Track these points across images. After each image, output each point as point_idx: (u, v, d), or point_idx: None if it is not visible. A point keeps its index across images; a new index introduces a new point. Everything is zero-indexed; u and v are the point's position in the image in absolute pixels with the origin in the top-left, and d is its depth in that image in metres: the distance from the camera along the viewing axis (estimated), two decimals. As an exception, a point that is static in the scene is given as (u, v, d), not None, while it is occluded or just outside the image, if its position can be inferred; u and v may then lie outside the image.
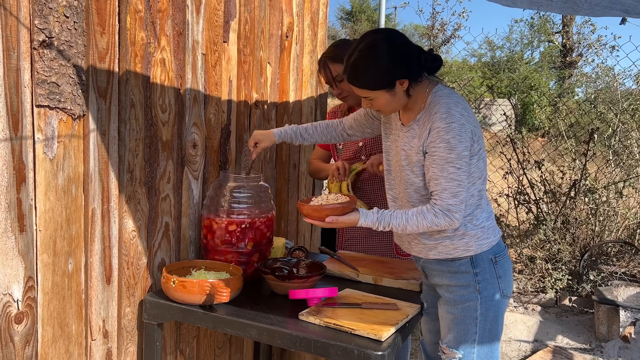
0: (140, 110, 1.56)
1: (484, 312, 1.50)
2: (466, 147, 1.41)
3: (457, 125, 1.40)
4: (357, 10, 21.88)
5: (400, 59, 1.44)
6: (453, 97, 1.46)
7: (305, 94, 2.53)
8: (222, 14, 1.86)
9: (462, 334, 1.51)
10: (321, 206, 1.49)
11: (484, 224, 1.51)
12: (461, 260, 1.51)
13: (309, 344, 1.39)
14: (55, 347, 1.38)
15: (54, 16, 1.27)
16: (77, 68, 1.34)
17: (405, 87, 1.47)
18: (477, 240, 1.50)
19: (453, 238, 1.50)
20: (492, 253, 1.52)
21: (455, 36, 11.76)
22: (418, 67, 1.48)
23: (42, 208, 1.30)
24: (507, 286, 1.54)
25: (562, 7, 1.97)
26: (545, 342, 3.46)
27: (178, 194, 1.74)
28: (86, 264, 1.45)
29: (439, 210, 1.42)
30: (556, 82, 14.39)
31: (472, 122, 1.45)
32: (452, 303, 1.53)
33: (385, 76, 1.44)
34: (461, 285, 1.51)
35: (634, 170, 4.67)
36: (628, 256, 4.42)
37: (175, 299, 1.55)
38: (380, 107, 1.52)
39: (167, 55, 1.63)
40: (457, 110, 1.42)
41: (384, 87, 1.45)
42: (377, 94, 1.47)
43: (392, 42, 1.45)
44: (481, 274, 1.50)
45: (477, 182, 1.49)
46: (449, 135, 1.39)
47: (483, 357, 1.52)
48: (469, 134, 1.42)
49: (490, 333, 1.52)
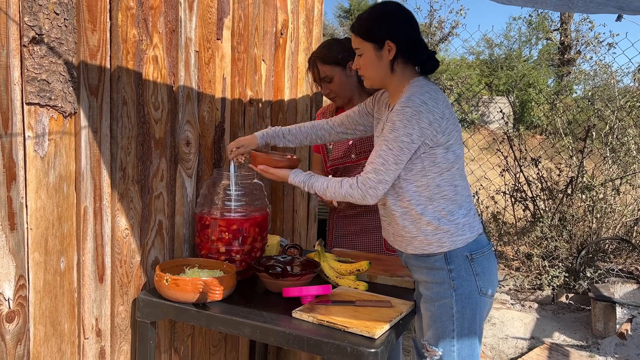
0: (132, 108, 1.55)
1: (460, 310, 1.48)
2: (409, 134, 1.41)
3: (411, 110, 1.42)
4: (356, 9, 21.84)
5: (398, 25, 1.51)
6: (425, 87, 1.47)
7: (301, 92, 2.53)
8: (215, 11, 1.85)
9: (440, 332, 1.50)
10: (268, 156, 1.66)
11: (459, 221, 1.50)
12: (436, 256, 1.50)
13: (302, 341, 1.39)
14: (48, 346, 1.37)
15: (43, 13, 1.26)
16: (68, 65, 1.33)
17: (391, 55, 1.50)
18: (451, 237, 1.49)
19: (427, 233, 1.50)
20: (468, 250, 1.50)
21: (453, 34, 11.76)
22: (411, 46, 1.52)
23: (33, 206, 1.30)
24: (487, 284, 1.51)
25: (557, 4, 1.97)
26: (542, 339, 3.46)
27: (171, 192, 1.73)
28: (78, 262, 1.44)
29: (357, 182, 1.48)
30: (554, 80, 14.39)
31: (438, 113, 1.43)
32: (430, 300, 1.52)
33: (378, 29, 1.50)
34: (436, 282, 1.51)
35: (630, 167, 4.68)
36: (625, 253, 4.43)
37: (168, 297, 1.54)
38: (364, 68, 1.55)
39: (160, 52, 1.63)
40: (419, 98, 1.43)
41: (373, 41, 1.51)
42: (366, 47, 1.52)
43: (401, 9, 1.54)
44: (455, 270, 1.49)
45: (446, 174, 1.48)
46: (397, 118, 1.43)
47: (464, 355, 1.50)
48: (425, 123, 1.42)
49: (469, 331, 1.50)
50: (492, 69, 14.13)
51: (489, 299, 1.55)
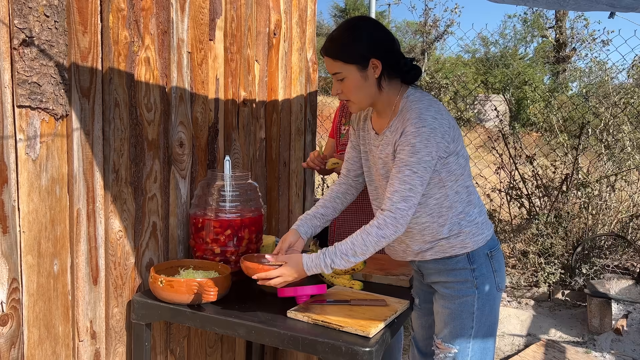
0: (124, 110, 1.55)
1: (481, 307, 1.50)
2: (429, 153, 1.38)
3: (427, 129, 1.38)
4: (351, 8, 21.86)
5: (379, 40, 1.45)
6: (424, 100, 1.45)
7: (295, 92, 2.53)
8: (207, 11, 1.85)
9: (458, 329, 1.51)
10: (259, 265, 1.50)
11: (477, 220, 1.51)
12: (458, 257, 1.51)
13: (297, 341, 1.39)
14: (42, 349, 1.37)
15: (33, 15, 1.26)
16: (59, 68, 1.33)
17: (377, 73, 1.45)
18: (473, 237, 1.50)
19: (449, 237, 1.50)
20: (488, 248, 1.53)
21: (448, 32, 11.77)
22: (395, 59, 1.47)
23: (26, 209, 1.29)
24: (502, 280, 1.56)
25: (548, 2, 1.97)
26: (538, 336, 3.47)
27: (165, 193, 1.73)
28: (72, 265, 1.44)
29: (384, 217, 1.39)
30: (550, 77, 14.43)
31: (446, 124, 1.42)
32: (449, 298, 1.52)
33: (360, 48, 1.42)
34: (459, 281, 1.51)
35: (625, 163, 4.69)
36: (620, 249, 4.44)
37: (163, 298, 1.54)
38: (349, 92, 1.47)
39: (152, 53, 1.62)
40: (429, 114, 1.41)
41: (357, 62, 1.43)
42: (349, 70, 1.44)
43: (375, 23, 1.49)
44: (478, 269, 1.50)
45: (460, 179, 1.49)
46: (416, 140, 1.38)
47: (478, 352, 1.52)
48: (439, 138, 1.40)
49: (486, 327, 1.52)
50: (487, 67, 14.16)
51: (501, 294, 1.59)
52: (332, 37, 1.48)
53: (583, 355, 3.17)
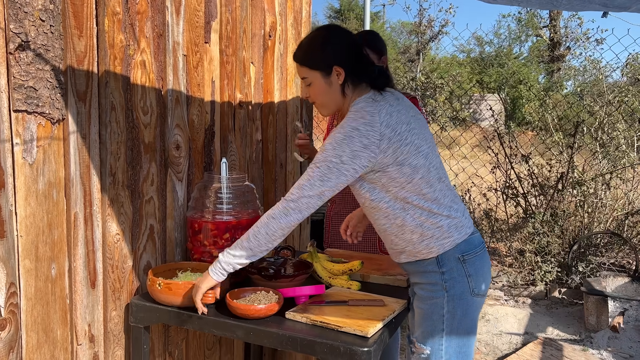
0: (121, 113, 1.55)
1: (451, 310, 1.49)
2: (338, 156, 1.40)
3: (341, 136, 1.42)
4: (346, 9, 21.88)
5: (342, 49, 1.51)
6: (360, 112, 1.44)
7: (291, 94, 2.53)
8: (202, 14, 1.86)
9: (429, 330, 1.51)
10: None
11: (442, 224, 1.49)
12: (428, 260, 1.51)
13: (295, 342, 1.39)
14: (40, 353, 1.37)
15: (29, 20, 1.26)
16: (55, 72, 1.33)
17: (341, 79, 1.51)
18: (438, 241, 1.49)
19: (414, 242, 1.51)
20: (460, 252, 1.50)
21: (443, 32, 11.80)
22: (360, 67, 1.52)
23: (23, 213, 1.30)
24: (479, 285, 1.52)
25: (541, 2, 1.98)
26: (535, 334, 3.49)
27: (162, 196, 1.73)
28: (70, 268, 1.44)
29: (281, 201, 1.45)
30: (545, 76, 14.49)
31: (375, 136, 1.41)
32: (422, 299, 1.53)
33: (324, 56, 1.50)
34: (429, 283, 1.52)
35: (620, 161, 4.72)
36: (616, 247, 4.46)
37: (161, 301, 1.55)
38: (315, 96, 1.55)
39: (148, 57, 1.63)
40: (351, 125, 1.42)
41: (321, 69, 1.50)
42: (315, 76, 1.52)
43: (342, 32, 1.54)
44: (448, 272, 1.49)
45: (407, 187, 1.47)
46: (328, 142, 1.44)
47: (451, 354, 1.51)
48: (357, 146, 1.41)
49: (459, 331, 1.50)
50: (482, 67, 14.21)
51: (482, 299, 1.55)
52: (301, 44, 1.57)
53: (580, 352, 3.18)
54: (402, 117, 1.47)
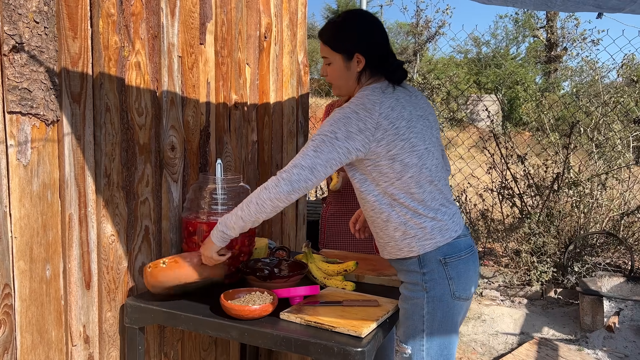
0: (115, 114, 1.55)
1: (431, 312, 1.49)
2: (333, 132, 1.42)
3: (339, 115, 1.44)
4: (343, 9, 21.88)
5: (368, 38, 1.53)
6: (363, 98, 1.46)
7: (286, 95, 2.54)
8: (197, 16, 1.86)
9: (410, 330, 1.51)
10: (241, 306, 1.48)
11: (425, 225, 1.49)
12: (410, 259, 1.52)
13: (289, 343, 1.40)
14: (35, 354, 1.37)
15: (23, 22, 1.26)
16: (49, 73, 1.34)
17: (360, 67, 1.53)
18: (419, 241, 1.49)
19: (396, 239, 1.52)
20: (442, 254, 1.50)
21: (440, 33, 11.83)
22: (382, 60, 1.53)
23: (17, 215, 1.30)
24: (462, 289, 1.51)
25: (536, 3, 1.99)
26: (531, 334, 3.50)
27: (157, 197, 1.74)
28: (64, 269, 1.44)
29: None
30: (542, 77, 14.52)
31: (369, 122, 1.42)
32: (404, 298, 1.54)
33: (349, 41, 1.52)
34: (411, 282, 1.53)
35: (616, 162, 4.73)
36: (612, 247, 4.48)
37: (167, 280, 1.52)
38: (332, 77, 1.58)
39: (142, 58, 1.63)
40: (351, 108, 1.44)
41: (343, 53, 1.53)
42: (336, 58, 1.55)
43: (372, 21, 1.55)
44: (429, 274, 1.49)
45: (397, 184, 1.47)
46: (326, 120, 1.46)
47: (433, 355, 1.51)
48: (353, 128, 1.42)
49: (440, 332, 1.50)
50: (479, 68, 14.23)
51: (464, 302, 1.55)
52: (329, 22, 1.59)
53: (576, 352, 3.19)
54: (404, 113, 1.48)
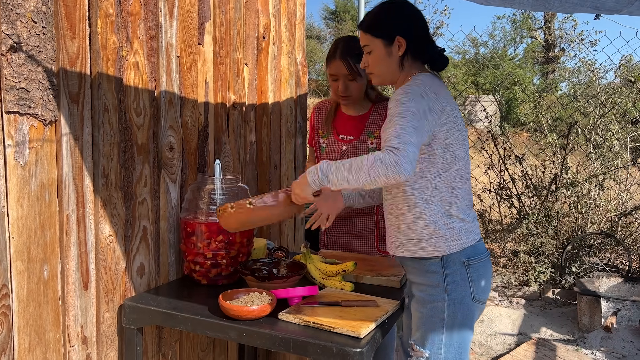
0: (113, 114, 1.55)
1: (452, 314, 1.49)
2: (416, 106, 1.38)
3: (413, 89, 1.42)
4: (341, 10, 21.90)
5: (408, 21, 1.54)
6: (427, 81, 1.47)
7: (285, 95, 2.54)
8: (196, 16, 1.86)
9: (429, 334, 1.50)
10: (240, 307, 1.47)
11: (455, 225, 1.49)
12: (432, 259, 1.50)
13: (288, 343, 1.40)
14: (33, 355, 1.37)
15: (21, 22, 1.26)
16: (47, 73, 1.33)
17: (401, 51, 1.53)
18: (446, 242, 1.49)
19: (421, 237, 1.50)
20: (465, 256, 1.50)
21: (438, 34, 11.83)
22: (422, 45, 1.55)
23: (15, 215, 1.29)
24: (481, 291, 1.52)
25: (533, 4, 2.00)
26: (529, 335, 3.50)
27: (155, 197, 1.73)
28: (62, 270, 1.44)
29: (383, 152, 1.32)
30: (540, 78, 14.54)
31: (437, 104, 1.43)
32: (421, 302, 1.53)
33: (388, 25, 1.53)
34: (430, 284, 1.51)
35: (613, 162, 4.74)
36: (610, 247, 4.49)
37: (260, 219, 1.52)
38: (373, 65, 1.56)
39: (141, 58, 1.63)
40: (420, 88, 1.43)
41: (383, 37, 1.53)
42: (376, 44, 1.54)
43: (410, 7, 1.58)
44: (451, 275, 1.49)
45: (443, 175, 1.47)
46: (401, 95, 1.41)
47: (451, 358, 1.51)
48: (425, 106, 1.40)
49: (459, 335, 1.50)
50: (477, 68, 14.25)
51: (482, 305, 1.55)
52: (369, 12, 1.60)
53: (573, 352, 3.20)
54: (455, 105, 1.51)
